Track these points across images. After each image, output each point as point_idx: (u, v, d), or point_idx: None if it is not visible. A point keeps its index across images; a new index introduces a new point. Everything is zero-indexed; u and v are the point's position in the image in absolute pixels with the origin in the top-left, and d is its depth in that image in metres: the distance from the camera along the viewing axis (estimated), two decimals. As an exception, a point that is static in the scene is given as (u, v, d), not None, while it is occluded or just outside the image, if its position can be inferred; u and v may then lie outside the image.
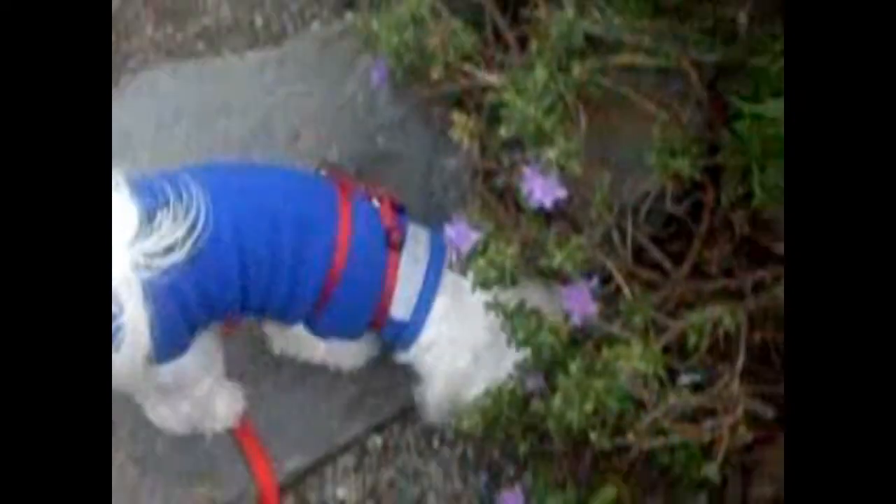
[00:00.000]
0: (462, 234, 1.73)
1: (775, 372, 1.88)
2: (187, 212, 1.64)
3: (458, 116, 1.83)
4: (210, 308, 1.78)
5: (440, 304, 1.90)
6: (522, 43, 1.90)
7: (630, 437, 1.69)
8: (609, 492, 1.96)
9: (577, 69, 1.76)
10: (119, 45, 2.40)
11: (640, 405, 1.70)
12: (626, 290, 1.72)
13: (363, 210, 1.87)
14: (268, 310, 1.89)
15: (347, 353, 2.05)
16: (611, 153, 1.87)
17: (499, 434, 1.87)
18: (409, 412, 2.15)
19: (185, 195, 1.64)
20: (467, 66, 1.84)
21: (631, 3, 1.81)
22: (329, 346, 1.99)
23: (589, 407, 1.64)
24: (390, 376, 2.12)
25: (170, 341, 1.74)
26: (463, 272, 1.75)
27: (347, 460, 2.13)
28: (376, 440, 2.15)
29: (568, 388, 1.66)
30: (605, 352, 1.65)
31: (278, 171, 1.96)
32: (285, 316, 1.91)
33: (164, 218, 1.62)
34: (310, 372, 2.10)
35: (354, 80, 2.21)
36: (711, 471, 2.01)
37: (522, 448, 1.95)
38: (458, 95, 1.98)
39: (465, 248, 1.73)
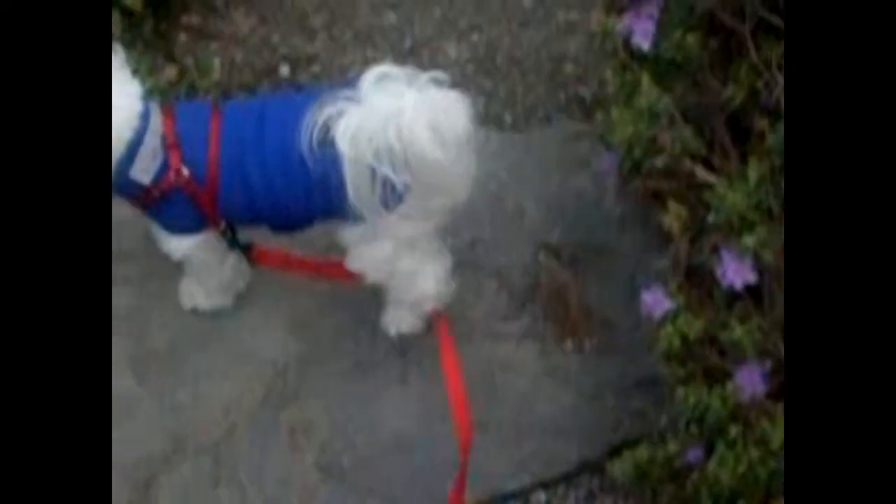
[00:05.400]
0: (658, 301, 1.92)
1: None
2: None
3: (673, 205, 2.03)
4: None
5: None
6: (744, 157, 2.09)
7: (773, 508, 1.81)
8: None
9: (788, 183, 1.94)
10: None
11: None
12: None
13: None
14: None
15: None
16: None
17: (647, 491, 2.00)
18: (574, 477, 2.31)
19: None
20: (689, 163, 2.03)
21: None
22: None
23: (741, 469, 1.78)
24: (564, 441, 2.30)
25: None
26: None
27: (511, 508, 2.30)
28: (541, 496, 2.30)
29: (725, 452, 1.81)
30: (765, 423, 1.79)
31: None
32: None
33: None
34: (494, 423, 2.29)
35: (588, 174, 2.47)
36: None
37: (673, 521, 2.08)
38: (677, 194, 2.17)
39: (658, 314, 1.91)
